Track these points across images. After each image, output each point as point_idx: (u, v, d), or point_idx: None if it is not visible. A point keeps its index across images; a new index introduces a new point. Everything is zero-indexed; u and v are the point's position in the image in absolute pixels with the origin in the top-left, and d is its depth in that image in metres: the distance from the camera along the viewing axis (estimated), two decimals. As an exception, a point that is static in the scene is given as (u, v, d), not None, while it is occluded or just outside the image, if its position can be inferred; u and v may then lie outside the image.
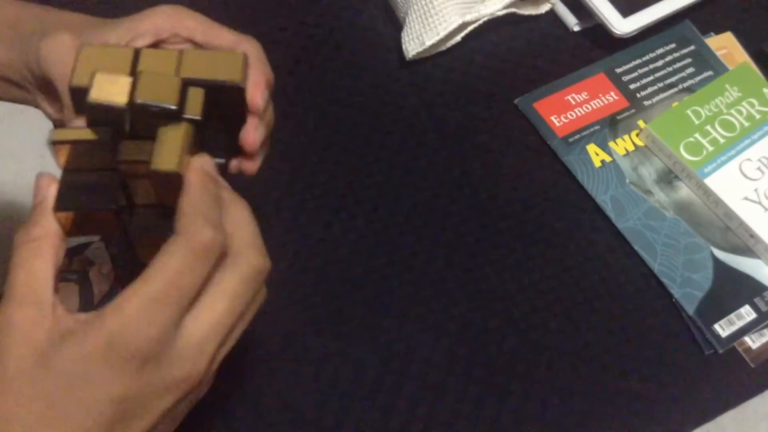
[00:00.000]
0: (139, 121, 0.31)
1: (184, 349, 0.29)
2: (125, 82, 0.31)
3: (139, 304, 0.28)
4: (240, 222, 0.32)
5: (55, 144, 0.31)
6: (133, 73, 0.31)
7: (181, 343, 0.29)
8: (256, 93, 0.35)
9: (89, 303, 0.97)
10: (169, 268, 0.29)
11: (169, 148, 0.30)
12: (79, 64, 0.31)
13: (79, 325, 0.29)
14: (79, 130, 0.31)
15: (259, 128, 0.36)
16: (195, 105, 0.31)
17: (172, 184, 0.31)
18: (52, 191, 0.31)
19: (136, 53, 0.33)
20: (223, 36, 0.36)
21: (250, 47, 0.36)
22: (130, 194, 0.33)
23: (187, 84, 0.32)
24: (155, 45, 0.36)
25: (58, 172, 0.32)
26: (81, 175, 0.31)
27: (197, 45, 0.36)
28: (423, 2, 0.55)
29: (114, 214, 0.32)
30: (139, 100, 0.30)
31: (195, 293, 0.30)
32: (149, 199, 0.33)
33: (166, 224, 0.31)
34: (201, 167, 0.32)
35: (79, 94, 0.31)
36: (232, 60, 0.33)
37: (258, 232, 0.32)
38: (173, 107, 0.30)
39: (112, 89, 0.30)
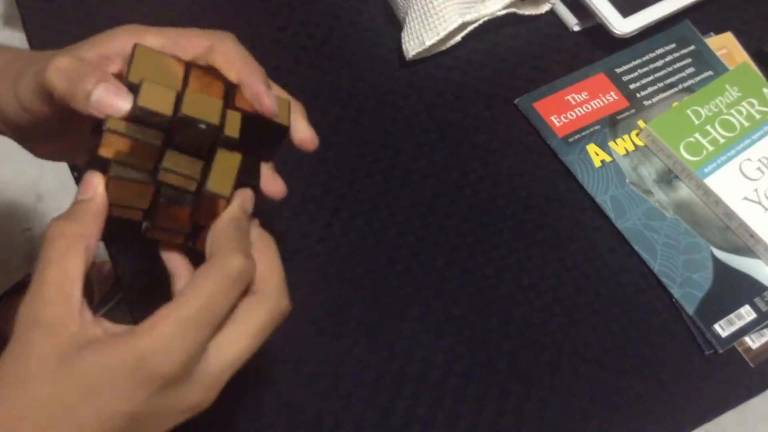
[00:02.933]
0: (179, 133, 0.32)
1: (204, 376, 0.30)
2: (171, 94, 0.31)
3: (174, 326, 0.29)
4: (272, 262, 0.33)
5: (108, 132, 0.31)
6: (183, 86, 0.32)
7: (203, 370, 0.30)
8: (263, 96, 0.35)
9: (89, 302, 0.96)
10: (204, 291, 0.29)
11: (224, 174, 0.33)
12: (134, 63, 0.32)
13: (109, 337, 0.29)
14: (133, 128, 0.31)
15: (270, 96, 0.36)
16: (233, 126, 0.33)
17: (212, 206, 0.33)
18: (101, 191, 0.32)
19: (187, 68, 0.33)
20: (192, 42, 0.34)
21: (229, 46, 0.35)
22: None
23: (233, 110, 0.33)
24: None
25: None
26: (128, 171, 0.32)
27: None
28: (423, 2, 0.55)
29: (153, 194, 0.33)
30: (183, 114, 0.31)
31: (224, 317, 0.31)
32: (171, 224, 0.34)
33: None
34: (240, 200, 0.34)
35: (132, 89, 0.31)
36: (281, 104, 0.36)
37: (284, 274, 0.34)
38: (215, 123, 0.32)
39: (158, 98, 0.31)
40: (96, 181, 0.32)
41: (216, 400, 0.31)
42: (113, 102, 0.30)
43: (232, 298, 0.31)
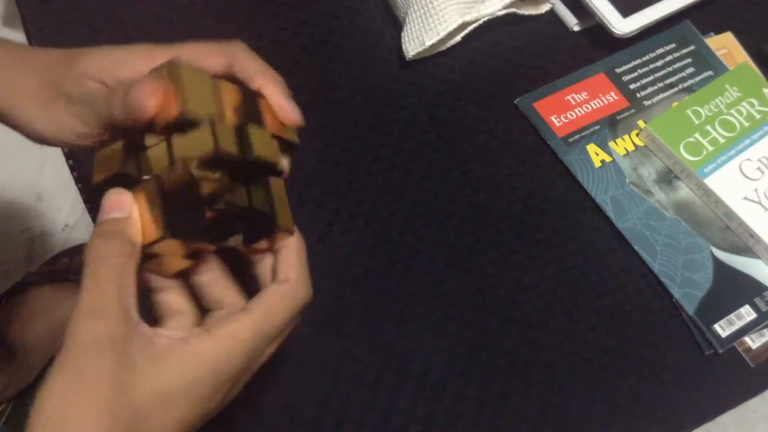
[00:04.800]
0: (243, 170, 0.33)
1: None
2: (231, 130, 0.32)
3: (248, 335, 0.31)
4: (299, 255, 0.35)
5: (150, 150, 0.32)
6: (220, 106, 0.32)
7: None
8: (287, 110, 0.35)
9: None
10: (279, 314, 0.33)
11: (284, 207, 0.34)
12: (188, 92, 0.31)
13: (179, 343, 0.29)
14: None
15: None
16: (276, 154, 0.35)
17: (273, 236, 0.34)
18: (135, 210, 0.31)
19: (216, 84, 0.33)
20: (211, 61, 0.34)
21: (246, 59, 0.35)
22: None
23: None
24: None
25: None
26: (175, 203, 0.31)
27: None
28: (423, 2, 0.55)
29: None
30: (257, 155, 0.32)
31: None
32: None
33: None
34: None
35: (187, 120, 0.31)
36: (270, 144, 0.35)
37: (307, 264, 0.36)
38: (275, 162, 0.34)
39: (225, 138, 0.31)
40: (126, 200, 0.31)
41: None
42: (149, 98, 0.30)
43: (294, 323, 0.34)
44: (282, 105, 0.34)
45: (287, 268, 0.34)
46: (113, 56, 0.34)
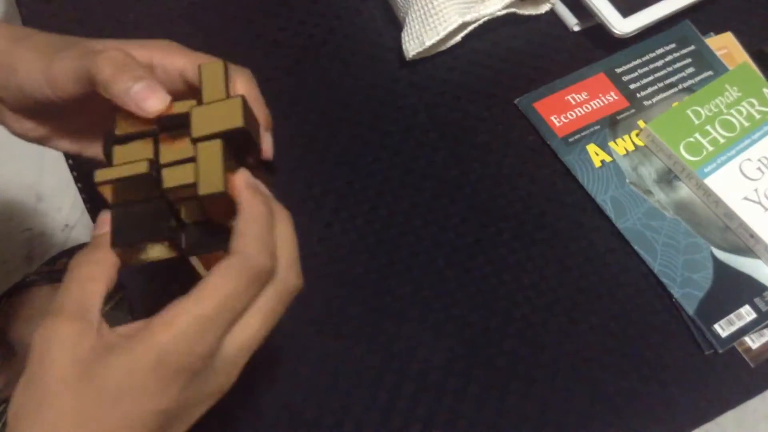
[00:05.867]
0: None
1: (222, 363, 0.31)
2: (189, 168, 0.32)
3: (191, 321, 0.29)
4: (284, 239, 0.33)
5: (99, 185, 0.32)
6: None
7: (220, 358, 0.30)
8: (267, 145, 0.36)
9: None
10: (222, 290, 0.30)
11: (212, 170, 0.32)
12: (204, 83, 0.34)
13: (123, 340, 0.29)
14: (120, 167, 0.33)
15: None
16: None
17: (219, 202, 0.32)
18: (107, 228, 0.33)
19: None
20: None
21: (246, 84, 0.36)
22: (179, 215, 0.34)
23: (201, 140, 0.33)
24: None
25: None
26: (130, 208, 0.33)
27: (188, 81, 0.36)
28: (423, 2, 0.55)
29: (170, 241, 0.34)
30: (201, 193, 0.32)
31: (241, 313, 0.31)
32: (198, 216, 0.34)
33: (218, 239, 0.33)
34: (248, 183, 0.33)
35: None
36: (232, 107, 0.34)
37: (297, 250, 0.34)
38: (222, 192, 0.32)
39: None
40: (105, 219, 0.33)
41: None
42: (149, 99, 0.32)
43: (251, 296, 0.31)
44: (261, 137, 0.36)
45: (235, 239, 0.31)
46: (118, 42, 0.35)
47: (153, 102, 0.32)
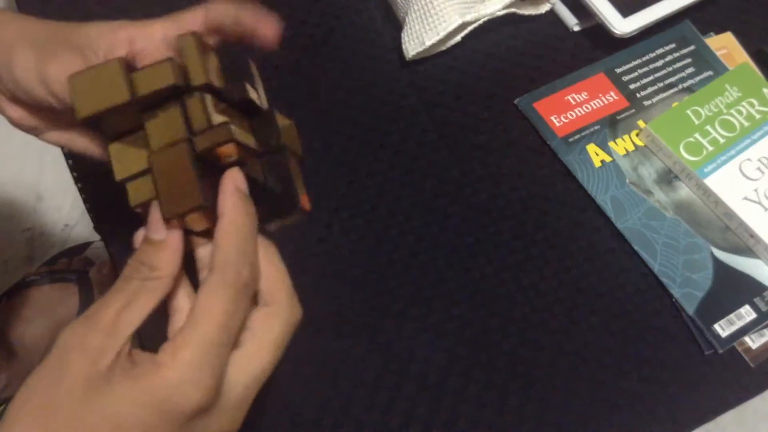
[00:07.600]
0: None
1: (230, 398, 0.30)
2: (141, 154, 0.32)
3: (196, 352, 0.28)
4: (278, 270, 0.33)
5: (137, 206, 0.32)
6: (132, 93, 0.32)
7: (227, 393, 0.30)
8: (265, 27, 0.36)
9: (89, 303, 0.96)
10: (216, 311, 0.29)
11: (299, 187, 0.34)
12: (77, 97, 0.32)
13: (134, 369, 0.28)
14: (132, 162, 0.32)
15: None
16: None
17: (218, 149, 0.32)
18: (165, 234, 0.31)
19: (128, 73, 0.33)
20: (192, 21, 0.37)
21: (216, 7, 0.36)
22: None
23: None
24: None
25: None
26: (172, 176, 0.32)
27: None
28: (423, 2, 0.55)
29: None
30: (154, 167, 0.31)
31: (239, 330, 0.30)
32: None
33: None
34: (235, 187, 0.32)
35: (90, 120, 0.32)
36: (161, 68, 0.33)
37: (290, 280, 0.33)
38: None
39: (130, 161, 0.32)
40: (158, 223, 0.31)
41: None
42: None
43: (244, 310, 0.30)
44: (253, 23, 0.35)
45: (214, 257, 0.30)
46: (104, 26, 0.36)
47: None
